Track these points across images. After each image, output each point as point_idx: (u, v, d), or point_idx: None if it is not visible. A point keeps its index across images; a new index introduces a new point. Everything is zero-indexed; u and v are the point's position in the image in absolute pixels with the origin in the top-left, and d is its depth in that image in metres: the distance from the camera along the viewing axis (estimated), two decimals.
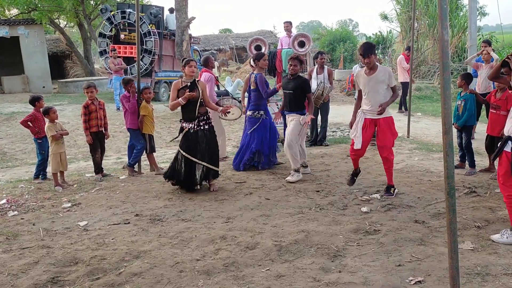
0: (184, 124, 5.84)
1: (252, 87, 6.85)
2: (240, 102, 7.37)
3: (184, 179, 5.82)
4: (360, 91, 5.44)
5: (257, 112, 6.86)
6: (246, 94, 7.13)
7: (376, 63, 5.22)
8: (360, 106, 5.45)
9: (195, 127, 5.75)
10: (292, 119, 6.25)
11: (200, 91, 5.72)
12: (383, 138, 5.28)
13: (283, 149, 6.90)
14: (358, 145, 5.34)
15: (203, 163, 5.78)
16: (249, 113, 6.92)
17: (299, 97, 6.20)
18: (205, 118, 5.84)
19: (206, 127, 5.83)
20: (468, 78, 6.50)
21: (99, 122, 6.69)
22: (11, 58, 20.98)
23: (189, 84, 5.72)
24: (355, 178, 5.75)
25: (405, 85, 11.42)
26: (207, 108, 5.90)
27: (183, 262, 3.76)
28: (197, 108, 5.72)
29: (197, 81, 5.84)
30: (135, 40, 7.79)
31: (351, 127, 5.56)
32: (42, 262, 3.85)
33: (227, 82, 14.86)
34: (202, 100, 5.74)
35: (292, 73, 6.24)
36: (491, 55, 8.23)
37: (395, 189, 5.43)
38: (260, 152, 6.83)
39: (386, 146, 5.29)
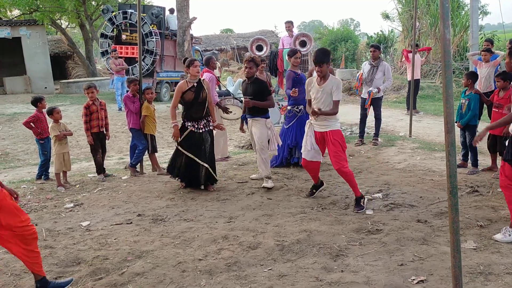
0: (188, 123, 5.79)
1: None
2: (241, 102, 7.37)
3: (189, 176, 5.84)
4: (309, 100, 5.14)
5: (295, 107, 6.81)
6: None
7: (329, 73, 4.93)
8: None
9: (202, 127, 5.77)
10: (257, 124, 5.90)
11: (206, 91, 5.76)
12: (332, 152, 4.91)
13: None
14: (306, 156, 5.15)
15: (206, 165, 5.79)
16: (288, 107, 6.91)
17: (259, 100, 5.82)
18: (208, 119, 5.87)
19: (207, 129, 5.85)
20: (474, 77, 6.49)
21: (100, 122, 6.70)
22: (13, 59, 21.04)
23: (195, 84, 5.73)
24: (314, 190, 5.49)
25: (415, 83, 11.27)
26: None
27: (186, 262, 3.76)
28: (205, 108, 5.77)
29: (202, 80, 5.82)
30: (137, 40, 7.82)
31: None
32: (45, 262, 3.85)
33: (229, 82, 14.86)
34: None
35: (248, 76, 5.90)
36: (492, 55, 8.21)
37: (364, 199, 5.05)
38: (296, 148, 6.80)
39: (336, 159, 4.89)
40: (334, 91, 4.84)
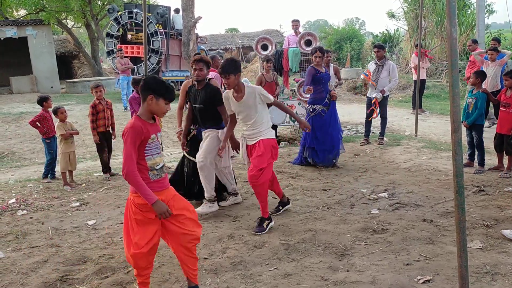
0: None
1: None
2: None
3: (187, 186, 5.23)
4: (233, 115, 4.61)
5: (311, 106, 6.78)
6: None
7: (244, 84, 4.42)
8: (231, 131, 4.73)
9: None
10: (208, 135, 4.93)
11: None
12: (256, 156, 4.37)
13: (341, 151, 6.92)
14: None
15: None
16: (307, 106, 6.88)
17: (211, 110, 4.88)
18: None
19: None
20: (482, 75, 6.42)
21: (107, 122, 6.72)
22: (19, 59, 21.16)
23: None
24: (280, 207, 4.96)
25: (421, 83, 11.20)
26: None
27: None
28: None
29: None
30: (142, 40, 7.83)
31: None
32: (51, 261, 3.88)
33: None
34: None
35: (198, 79, 4.87)
36: (498, 53, 8.16)
37: (269, 222, 4.46)
38: (314, 148, 6.76)
39: (255, 163, 4.32)
40: (261, 98, 4.38)
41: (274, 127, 8.88)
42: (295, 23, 10.13)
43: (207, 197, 4.94)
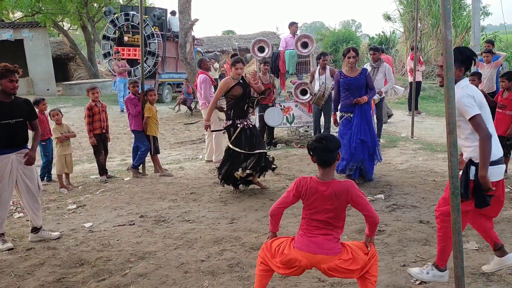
0: (237, 121, 5.67)
1: None
2: None
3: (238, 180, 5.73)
4: None
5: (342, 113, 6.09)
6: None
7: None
8: None
9: (247, 124, 5.73)
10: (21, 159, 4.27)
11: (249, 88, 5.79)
12: None
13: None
14: None
15: (261, 151, 5.72)
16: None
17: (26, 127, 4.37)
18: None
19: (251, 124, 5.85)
20: (478, 75, 6.52)
21: (102, 124, 6.72)
22: (15, 61, 20.76)
23: (241, 81, 5.68)
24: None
25: (416, 85, 11.20)
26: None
27: (188, 263, 3.77)
28: (248, 105, 5.81)
29: (245, 76, 5.79)
30: (139, 42, 7.84)
31: None
32: (48, 264, 3.87)
33: None
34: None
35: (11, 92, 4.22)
36: (493, 55, 8.21)
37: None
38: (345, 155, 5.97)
39: None
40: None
41: (271, 128, 8.90)
42: (295, 26, 10.19)
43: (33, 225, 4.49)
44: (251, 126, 5.78)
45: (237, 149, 5.63)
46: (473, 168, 3.02)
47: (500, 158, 3.11)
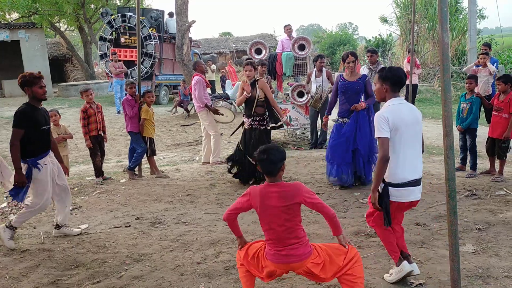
0: (244, 119, 6.20)
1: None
2: (231, 104, 7.39)
3: (245, 169, 6.14)
4: None
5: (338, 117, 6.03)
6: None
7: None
8: None
9: (250, 125, 6.08)
10: None
11: (259, 91, 5.98)
12: None
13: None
14: None
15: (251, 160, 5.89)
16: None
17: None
18: (258, 119, 6.08)
19: (259, 127, 6.08)
20: (475, 77, 6.55)
21: (98, 125, 6.69)
22: (11, 62, 21.01)
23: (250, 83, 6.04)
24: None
25: (413, 88, 11.18)
26: (266, 110, 6.12)
27: (184, 265, 3.76)
28: (254, 107, 6.03)
29: (257, 80, 6.04)
30: (136, 43, 7.82)
31: None
32: (43, 266, 3.85)
33: (227, 85, 14.87)
34: (261, 99, 6.02)
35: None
36: (488, 59, 8.19)
37: None
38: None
39: None
40: None
41: (268, 130, 8.88)
42: (288, 28, 10.22)
43: None
44: (251, 128, 6.07)
45: (241, 146, 6.12)
46: (382, 185, 3.30)
47: (408, 181, 3.34)
